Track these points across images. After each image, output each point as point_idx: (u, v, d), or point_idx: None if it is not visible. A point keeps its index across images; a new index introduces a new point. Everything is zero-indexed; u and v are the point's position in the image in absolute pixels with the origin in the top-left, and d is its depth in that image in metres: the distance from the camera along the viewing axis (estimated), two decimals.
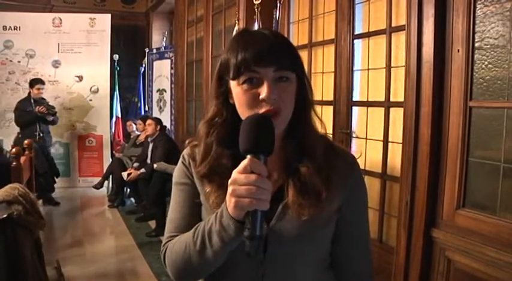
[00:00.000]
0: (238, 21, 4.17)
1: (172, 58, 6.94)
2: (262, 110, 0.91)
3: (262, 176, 0.82)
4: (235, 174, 0.83)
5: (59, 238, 4.82)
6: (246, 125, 0.87)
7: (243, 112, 0.95)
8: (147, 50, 7.73)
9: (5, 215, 2.00)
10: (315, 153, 0.97)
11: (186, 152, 1.09)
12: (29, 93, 6.24)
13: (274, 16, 3.61)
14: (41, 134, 6.10)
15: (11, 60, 6.95)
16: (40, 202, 5.09)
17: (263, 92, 0.91)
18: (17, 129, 6.37)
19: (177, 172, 1.09)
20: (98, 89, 7.07)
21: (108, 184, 6.53)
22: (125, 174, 5.50)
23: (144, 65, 7.70)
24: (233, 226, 0.86)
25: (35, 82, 6.25)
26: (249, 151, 0.84)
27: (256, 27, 3.64)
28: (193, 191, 1.05)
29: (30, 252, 2.26)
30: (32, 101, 6.15)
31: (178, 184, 1.08)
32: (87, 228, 5.25)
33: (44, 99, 6.34)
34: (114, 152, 6.87)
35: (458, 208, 2.13)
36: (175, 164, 1.13)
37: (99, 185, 6.44)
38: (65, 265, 3.75)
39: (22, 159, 2.81)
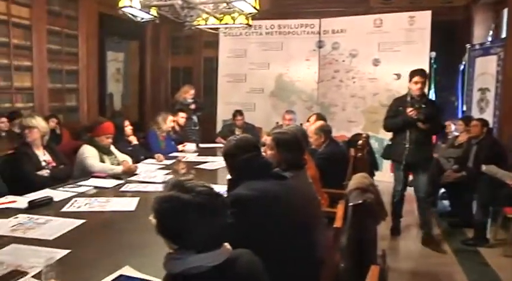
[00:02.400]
0: None
1: (500, 54, 6.30)
2: None
3: None
4: None
5: None
6: None
7: None
8: (468, 46, 7.24)
9: (360, 201, 2.16)
10: None
11: None
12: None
13: None
14: (408, 145, 4.50)
15: (336, 60, 7.63)
16: None
17: None
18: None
19: None
20: None
21: None
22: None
23: (464, 62, 7.26)
24: None
25: (412, 73, 4.56)
26: None
27: None
28: None
29: (372, 240, 2.39)
30: (409, 98, 4.53)
31: None
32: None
33: (426, 97, 4.63)
34: None
35: None
36: (503, 169, 0.95)
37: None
38: None
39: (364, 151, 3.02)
